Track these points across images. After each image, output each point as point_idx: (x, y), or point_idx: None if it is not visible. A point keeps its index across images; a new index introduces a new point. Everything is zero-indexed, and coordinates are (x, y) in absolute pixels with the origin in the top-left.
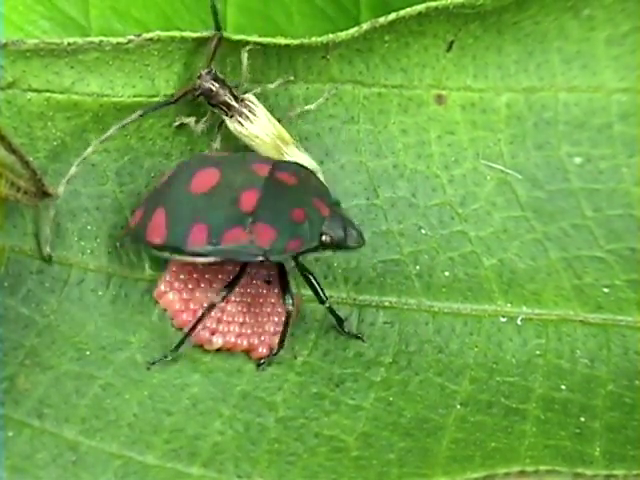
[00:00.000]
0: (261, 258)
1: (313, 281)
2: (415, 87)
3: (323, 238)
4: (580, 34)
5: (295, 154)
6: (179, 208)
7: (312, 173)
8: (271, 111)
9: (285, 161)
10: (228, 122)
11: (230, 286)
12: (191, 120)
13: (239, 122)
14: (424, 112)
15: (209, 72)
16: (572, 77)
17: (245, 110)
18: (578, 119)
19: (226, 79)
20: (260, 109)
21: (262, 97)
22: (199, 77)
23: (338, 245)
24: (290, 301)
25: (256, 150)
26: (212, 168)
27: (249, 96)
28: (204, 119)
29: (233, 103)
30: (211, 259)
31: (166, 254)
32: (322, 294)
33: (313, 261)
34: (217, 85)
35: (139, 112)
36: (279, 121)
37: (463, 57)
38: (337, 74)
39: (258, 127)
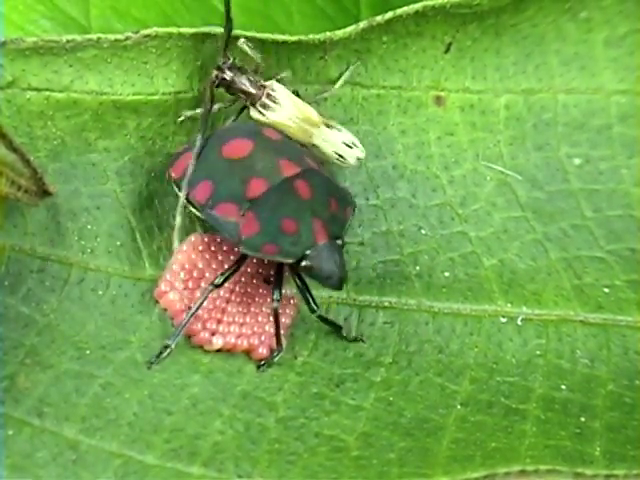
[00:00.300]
0: (235, 243)
1: (304, 290)
2: (414, 88)
3: (303, 263)
4: (578, 36)
5: (326, 134)
6: (203, 163)
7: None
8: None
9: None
10: (251, 110)
11: (228, 274)
12: (195, 112)
13: (259, 111)
14: (423, 113)
15: (225, 62)
16: (571, 79)
17: (266, 99)
18: (577, 120)
19: (244, 67)
20: (284, 95)
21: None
22: (217, 68)
23: (314, 275)
24: (277, 297)
25: (285, 133)
26: (250, 141)
27: (272, 83)
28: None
29: (252, 91)
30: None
31: (176, 190)
32: (312, 303)
33: None
34: (235, 74)
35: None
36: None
37: (461, 58)
38: (335, 75)
39: (281, 114)
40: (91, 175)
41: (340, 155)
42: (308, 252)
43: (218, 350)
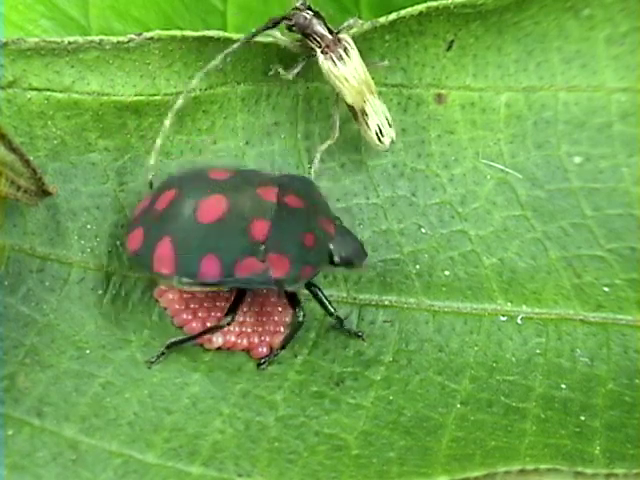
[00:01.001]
0: (274, 287)
1: (322, 297)
2: (415, 86)
3: (334, 258)
4: (580, 34)
5: (376, 104)
6: (187, 238)
7: (313, 187)
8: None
9: (288, 178)
10: (321, 59)
11: (234, 309)
12: (280, 68)
13: (333, 60)
14: (424, 111)
15: (304, 2)
16: (572, 76)
17: (340, 49)
18: (578, 118)
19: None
20: (355, 51)
21: (263, 95)
22: (294, 8)
23: (346, 262)
24: (301, 313)
25: (341, 92)
26: (218, 195)
27: (345, 36)
28: (296, 65)
29: (328, 35)
30: (223, 288)
31: (175, 283)
32: (331, 308)
33: None
34: (312, 14)
35: (242, 40)
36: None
37: (463, 56)
38: None
39: (350, 69)
40: (91, 175)
41: (380, 132)
42: (332, 247)
43: (218, 349)
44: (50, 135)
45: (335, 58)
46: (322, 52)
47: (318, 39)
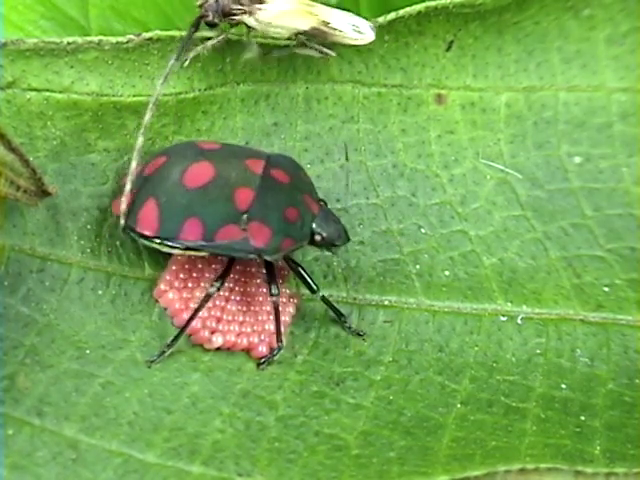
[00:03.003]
0: (253, 256)
1: (302, 272)
2: (415, 86)
3: (315, 237)
4: (580, 34)
5: (330, 10)
6: (172, 201)
7: (300, 168)
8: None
9: (278, 155)
10: (251, 22)
11: (222, 277)
12: (197, 50)
13: (260, 10)
14: (424, 111)
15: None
16: (572, 76)
17: (255, 4)
18: (578, 118)
19: None
20: None
21: (263, 96)
22: (199, 5)
23: (327, 243)
24: (276, 292)
25: (295, 28)
26: (205, 162)
27: None
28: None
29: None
30: (203, 253)
31: (155, 245)
32: (313, 284)
33: (313, 261)
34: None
35: (173, 59)
36: None
37: (463, 57)
38: (337, 74)
39: (279, 4)
40: (91, 175)
41: (356, 25)
42: (314, 226)
43: (218, 348)
44: (50, 136)
45: (258, 11)
46: (248, 15)
47: (240, 8)
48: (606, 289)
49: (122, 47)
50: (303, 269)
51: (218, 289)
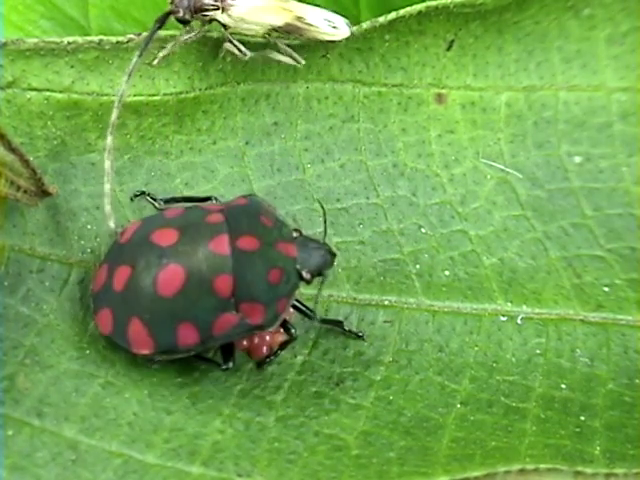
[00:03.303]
0: (256, 331)
1: (297, 304)
2: (415, 86)
3: (304, 276)
4: (580, 33)
5: (301, 8)
6: (156, 315)
7: (262, 210)
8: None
9: (234, 211)
10: (223, 19)
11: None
12: (168, 49)
13: (229, 13)
14: (424, 111)
15: None
16: (572, 76)
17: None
18: (578, 118)
19: None
20: None
21: (263, 95)
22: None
23: (316, 274)
24: (293, 331)
25: (264, 23)
26: (171, 264)
27: None
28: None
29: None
30: (207, 348)
31: (157, 357)
32: (308, 312)
33: None
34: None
35: (137, 54)
36: None
37: (463, 56)
38: (337, 73)
39: (250, 0)
40: (91, 175)
41: (331, 21)
42: (298, 267)
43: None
44: (50, 135)
45: (232, 2)
46: (220, 12)
47: (213, 5)
48: (606, 289)
49: (122, 47)
50: (297, 301)
51: (229, 369)
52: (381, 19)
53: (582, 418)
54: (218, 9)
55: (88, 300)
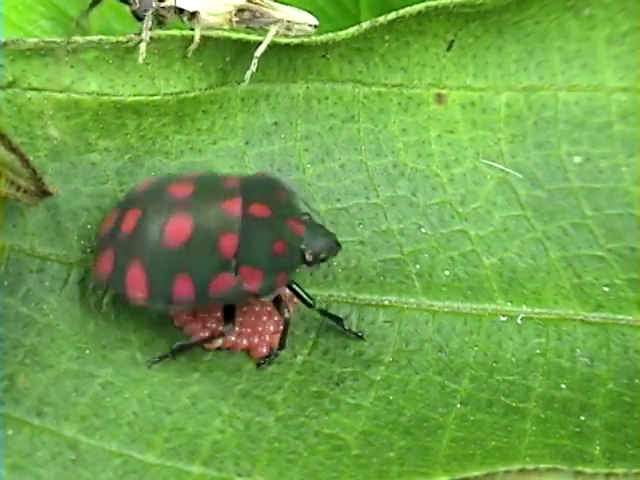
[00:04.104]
0: (250, 298)
1: (297, 289)
2: (415, 86)
3: (307, 258)
4: (580, 33)
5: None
6: (157, 262)
7: (279, 187)
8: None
9: (251, 181)
10: (182, 3)
11: (230, 315)
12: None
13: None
14: (424, 111)
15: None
16: (572, 76)
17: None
18: (578, 118)
19: None
20: None
21: (263, 96)
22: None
23: (319, 259)
24: (286, 310)
25: (226, 5)
26: (182, 215)
27: None
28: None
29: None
30: (198, 306)
31: (150, 306)
32: (308, 299)
33: None
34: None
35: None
36: None
37: (463, 56)
38: (337, 73)
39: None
40: (91, 175)
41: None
42: (303, 247)
43: (218, 349)
44: (50, 135)
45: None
46: (181, 16)
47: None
48: (606, 289)
49: (122, 47)
50: (298, 286)
51: (231, 331)
52: (381, 19)
53: (582, 418)
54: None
55: (88, 299)
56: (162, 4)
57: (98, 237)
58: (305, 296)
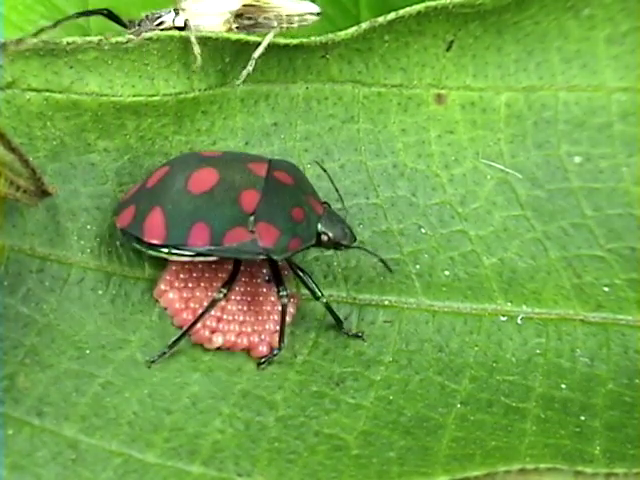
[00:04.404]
0: (263, 257)
1: (305, 278)
2: (415, 86)
3: (322, 237)
4: (580, 33)
5: None
6: (178, 207)
7: (302, 173)
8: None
9: (278, 160)
10: (179, 22)
11: (229, 283)
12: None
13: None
14: (424, 111)
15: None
16: (572, 76)
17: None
18: (578, 118)
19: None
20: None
21: (262, 96)
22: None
23: (334, 243)
24: (284, 293)
25: (221, 12)
26: (209, 167)
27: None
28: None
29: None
30: (212, 258)
31: (164, 253)
32: (317, 290)
33: (313, 261)
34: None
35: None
36: None
37: (463, 56)
38: (337, 74)
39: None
40: (90, 175)
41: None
42: (319, 226)
43: (218, 348)
44: (49, 136)
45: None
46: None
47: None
48: (606, 289)
49: (121, 47)
50: (308, 275)
51: (225, 295)
52: (380, 19)
53: (582, 418)
54: (170, 12)
55: (88, 299)
56: (161, 27)
57: (120, 201)
58: (314, 286)
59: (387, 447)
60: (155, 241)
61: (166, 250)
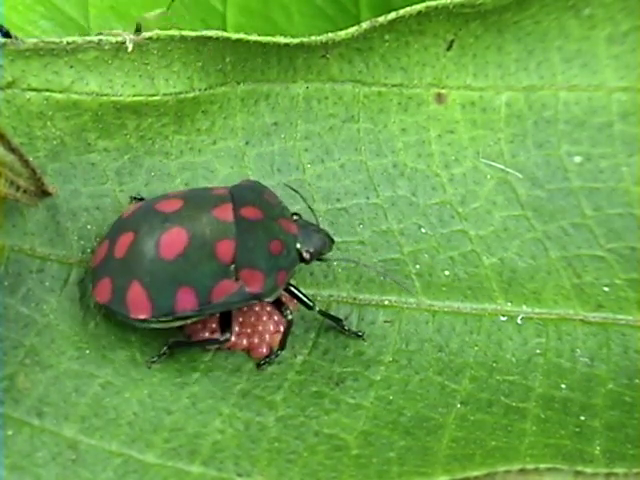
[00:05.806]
0: (253, 302)
1: (296, 292)
2: (415, 86)
3: (304, 256)
4: (580, 33)
5: None
6: (156, 278)
7: (265, 191)
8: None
9: (238, 188)
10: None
11: (227, 323)
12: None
13: None
14: (424, 111)
15: None
16: (572, 76)
17: None
18: (578, 118)
19: None
20: None
21: (263, 96)
22: None
23: (316, 256)
24: (288, 312)
25: None
26: (175, 226)
27: None
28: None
29: None
30: (203, 316)
31: (154, 323)
32: (308, 301)
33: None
34: None
35: None
36: None
37: (463, 56)
38: (337, 73)
39: None
40: (91, 175)
41: None
42: (299, 245)
43: (218, 349)
44: (49, 136)
45: None
46: None
47: None
48: (606, 289)
49: (121, 47)
50: (297, 289)
51: (227, 340)
52: (381, 19)
53: (582, 418)
54: None
55: (88, 300)
56: None
57: (91, 268)
58: (304, 298)
59: (387, 447)
60: (142, 316)
61: (155, 319)
